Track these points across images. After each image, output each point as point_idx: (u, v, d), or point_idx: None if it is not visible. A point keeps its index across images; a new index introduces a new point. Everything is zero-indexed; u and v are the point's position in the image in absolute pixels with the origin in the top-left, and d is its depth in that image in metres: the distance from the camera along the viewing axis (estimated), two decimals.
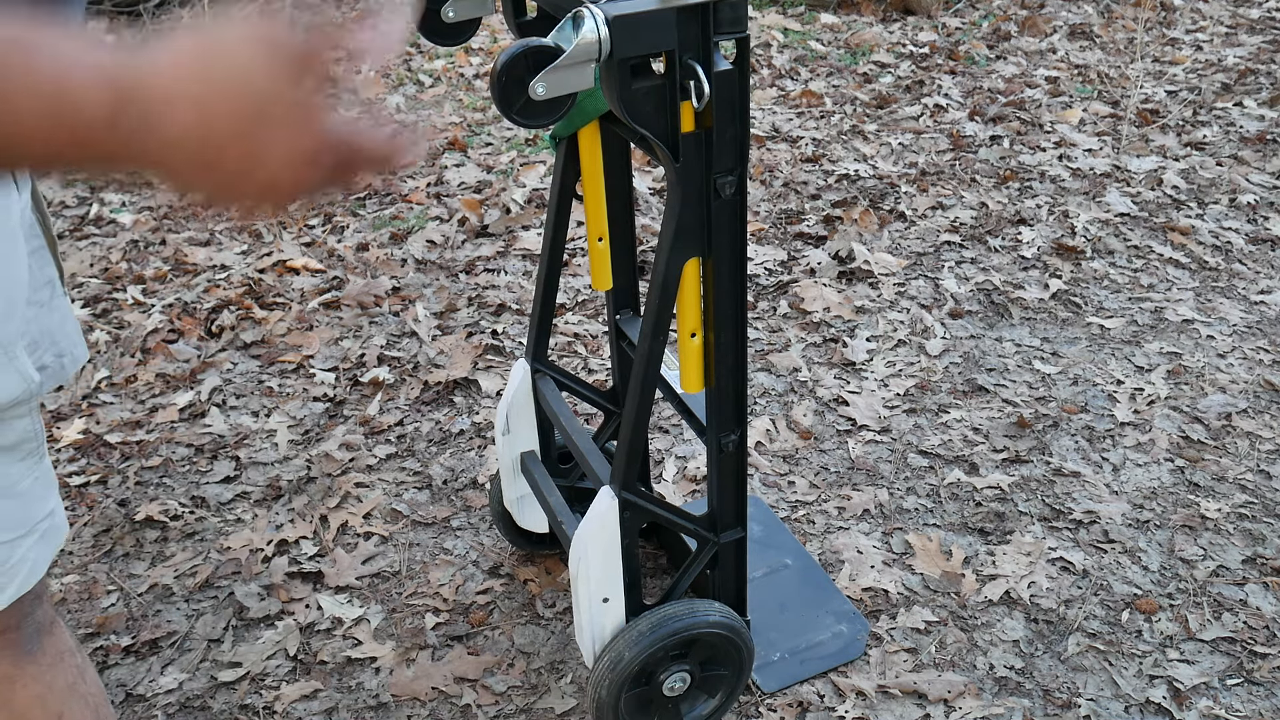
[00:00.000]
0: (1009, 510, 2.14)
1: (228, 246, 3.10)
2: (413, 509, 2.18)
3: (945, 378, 2.53)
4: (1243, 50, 4.34)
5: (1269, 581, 1.97)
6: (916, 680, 1.79)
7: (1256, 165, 3.45)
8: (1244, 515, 2.12)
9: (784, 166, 3.48)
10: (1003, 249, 3.03)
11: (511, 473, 1.86)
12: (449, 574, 2.03)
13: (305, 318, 2.78)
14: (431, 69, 4.27)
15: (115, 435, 2.39)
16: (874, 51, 4.39)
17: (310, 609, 1.96)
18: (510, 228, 3.16)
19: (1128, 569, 2.01)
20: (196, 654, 1.88)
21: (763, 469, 2.26)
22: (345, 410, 2.46)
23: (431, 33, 1.51)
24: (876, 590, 1.97)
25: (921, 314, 2.74)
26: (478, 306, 2.81)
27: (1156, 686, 1.78)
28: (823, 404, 2.45)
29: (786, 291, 2.85)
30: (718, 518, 1.59)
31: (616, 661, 1.53)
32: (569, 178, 1.63)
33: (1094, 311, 2.76)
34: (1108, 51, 4.36)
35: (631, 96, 1.21)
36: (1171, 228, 3.10)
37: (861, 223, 3.15)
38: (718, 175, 1.30)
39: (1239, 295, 2.81)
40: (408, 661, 1.85)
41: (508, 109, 1.15)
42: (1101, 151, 3.54)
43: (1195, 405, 2.41)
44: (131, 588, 2.02)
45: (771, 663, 1.81)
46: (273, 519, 2.16)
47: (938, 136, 3.67)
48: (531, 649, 1.87)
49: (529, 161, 3.54)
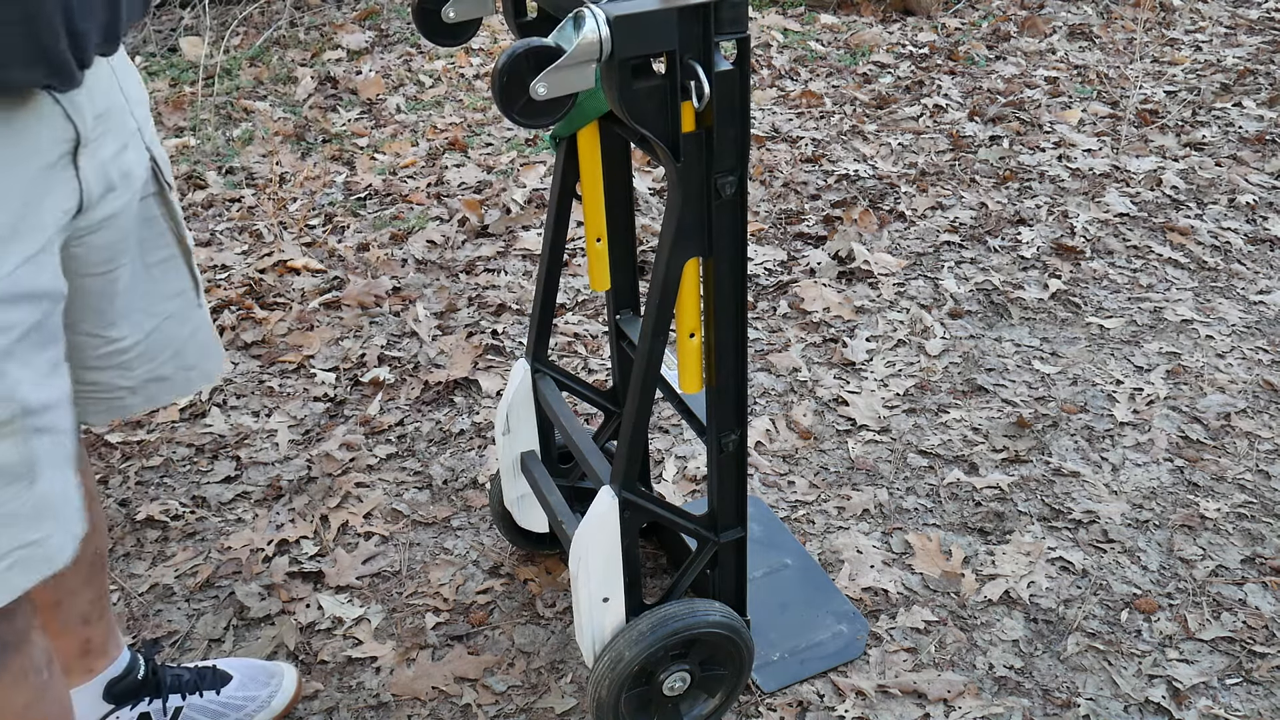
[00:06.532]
0: (1008, 510, 2.14)
1: (228, 246, 3.10)
2: (413, 509, 2.18)
3: (945, 378, 2.53)
4: (1242, 50, 4.34)
5: (1268, 581, 1.97)
6: (916, 680, 1.79)
7: (1255, 165, 3.46)
8: (1243, 515, 2.12)
9: (784, 166, 3.48)
10: (1002, 249, 3.03)
11: (512, 472, 1.86)
12: (449, 574, 2.03)
13: (306, 318, 2.78)
14: (431, 69, 4.28)
15: (116, 435, 2.39)
16: (874, 52, 4.40)
17: (310, 609, 1.96)
18: (510, 228, 3.16)
19: (1127, 569, 2.01)
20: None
21: (763, 469, 2.26)
22: (346, 410, 2.47)
23: (431, 33, 1.51)
24: (876, 590, 1.97)
25: (921, 314, 2.74)
26: (478, 306, 2.82)
27: (1156, 686, 1.78)
28: (823, 404, 2.45)
29: (786, 291, 2.86)
30: (718, 518, 1.59)
31: (616, 661, 1.53)
32: (569, 178, 1.64)
33: (1093, 311, 2.76)
34: (1107, 52, 4.37)
35: (632, 96, 1.21)
36: (1171, 228, 3.11)
37: (861, 223, 3.15)
38: (718, 175, 1.30)
39: (1238, 295, 2.81)
40: (408, 661, 1.85)
41: (508, 109, 1.15)
42: (1101, 152, 3.55)
43: (1194, 405, 2.42)
44: (132, 587, 2.02)
45: (771, 662, 1.82)
46: (273, 519, 2.16)
47: (937, 137, 3.67)
48: (532, 649, 1.87)
49: (529, 161, 3.54)
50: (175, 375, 1.32)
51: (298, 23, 4.67)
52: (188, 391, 1.35)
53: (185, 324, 1.31)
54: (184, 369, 1.33)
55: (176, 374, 1.32)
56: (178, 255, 1.29)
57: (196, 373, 1.35)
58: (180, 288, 1.30)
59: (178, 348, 1.31)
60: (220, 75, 4.15)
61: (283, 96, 4.08)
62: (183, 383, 1.34)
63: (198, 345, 1.34)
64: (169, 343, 1.29)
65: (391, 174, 3.50)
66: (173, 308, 1.29)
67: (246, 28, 4.63)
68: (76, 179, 1.08)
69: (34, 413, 1.03)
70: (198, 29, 4.55)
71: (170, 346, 1.30)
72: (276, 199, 3.35)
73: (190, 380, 1.35)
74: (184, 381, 1.34)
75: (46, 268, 1.04)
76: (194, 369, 1.35)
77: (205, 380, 1.36)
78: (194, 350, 1.34)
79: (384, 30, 4.64)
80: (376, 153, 3.64)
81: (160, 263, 1.27)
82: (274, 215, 3.25)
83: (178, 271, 1.29)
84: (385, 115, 3.92)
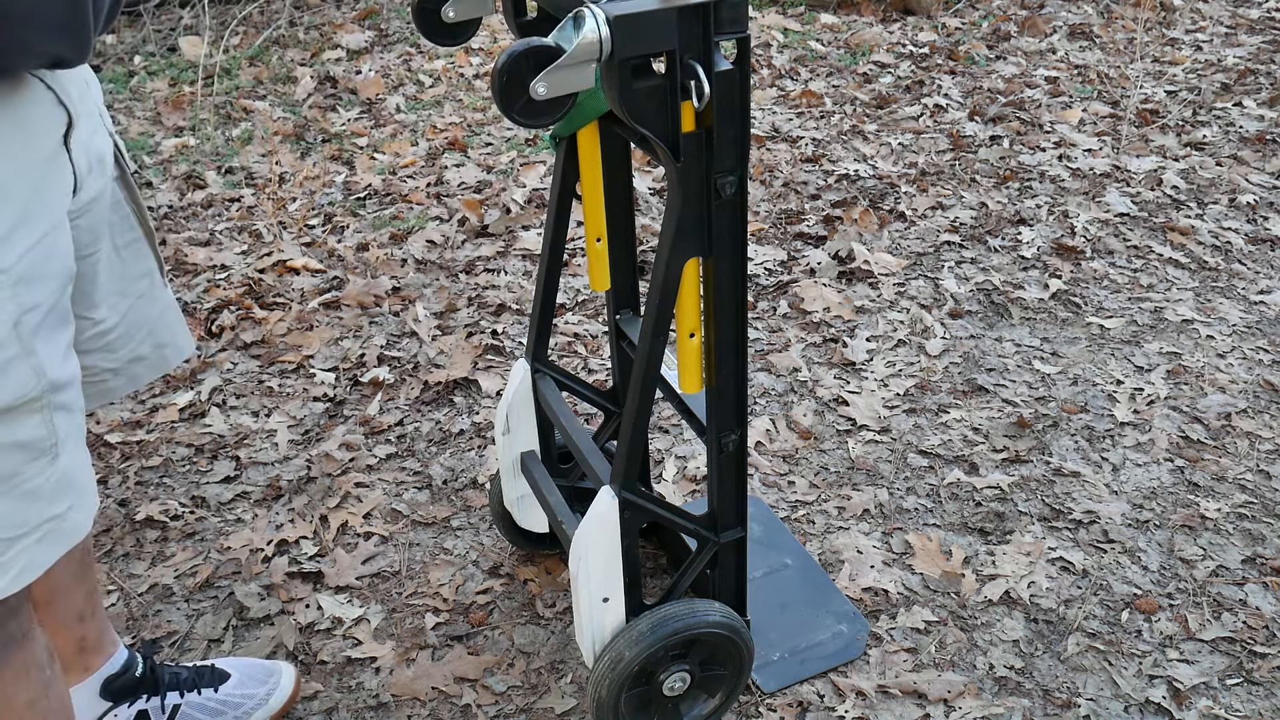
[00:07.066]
0: (1009, 510, 2.14)
1: (228, 246, 3.10)
2: (413, 509, 2.18)
3: (945, 378, 2.53)
4: (1242, 50, 4.34)
5: (1269, 581, 1.97)
6: (916, 680, 1.79)
7: (1256, 165, 3.46)
8: (1243, 515, 2.12)
9: (784, 166, 3.48)
10: (1002, 249, 3.03)
11: (511, 473, 1.86)
12: (449, 574, 2.03)
13: (305, 318, 2.78)
14: (431, 69, 4.27)
15: (115, 435, 2.39)
16: (874, 51, 4.40)
17: (310, 609, 1.96)
18: (510, 228, 3.16)
19: (1127, 569, 2.01)
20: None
21: (763, 469, 2.26)
22: (345, 410, 2.46)
23: (431, 33, 1.51)
24: (876, 590, 1.97)
25: (921, 314, 2.74)
26: (478, 306, 2.82)
27: (1156, 686, 1.78)
28: (823, 404, 2.45)
29: (786, 291, 2.86)
30: (718, 518, 1.59)
31: (616, 661, 1.53)
32: (569, 178, 1.63)
33: (1094, 311, 2.76)
34: (1107, 52, 4.36)
35: (632, 96, 1.21)
36: (1171, 228, 3.10)
37: (861, 223, 3.15)
38: (718, 175, 1.30)
39: (1238, 295, 2.81)
40: (408, 661, 1.85)
41: (508, 109, 1.15)
42: (1101, 151, 3.55)
43: (1195, 405, 2.42)
44: (132, 588, 2.02)
45: (771, 662, 1.81)
46: (273, 519, 2.16)
47: (937, 136, 3.67)
48: (531, 649, 1.87)
49: (529, 161, 3.54)
50: (152, 354, 1.38)
51: (297, 22, 4.67)
52: (164, 369, 1.41)
53: (155, 303, 1.37)
54: (158, 347, 1.39)
55: (153, 353, 1.38)
56: (141, 238, 1.34)
57: (170, 349, 1.41)
58: (147, 268, 1.35)
59: (151, 326, 1.37)
60: (220, 75, 4.15)
61: (282, 96, 4.08)
62: (158, 361, 1.40)
63: (167, 324, 1.40)
64: (143, 322, 1.35)
65: (391, 174, 3.50)
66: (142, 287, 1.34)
67: (246, 27, 4.63)
68: (70, 161, 1.12)
69: (58, 389, 1.08)
70: (197, 29, 4.55)
71: (144, 326, 1.35)
72: (276, 199, 3.35)
73: (165, 358, 1.40)
74: (159, 360, 1.40)
75: (60, 247, 1.08)
76: (167, 346, 1.40)
77: (178, 356, 1.42)
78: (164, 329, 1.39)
79: (384, 30, 4.64)
80: (376, 152, 3.64)
81: (128, 245, 1.32)
82: (273, 215, 3.25)
83: (143, 253, 1.35)
84: (385, 115, 3.92)
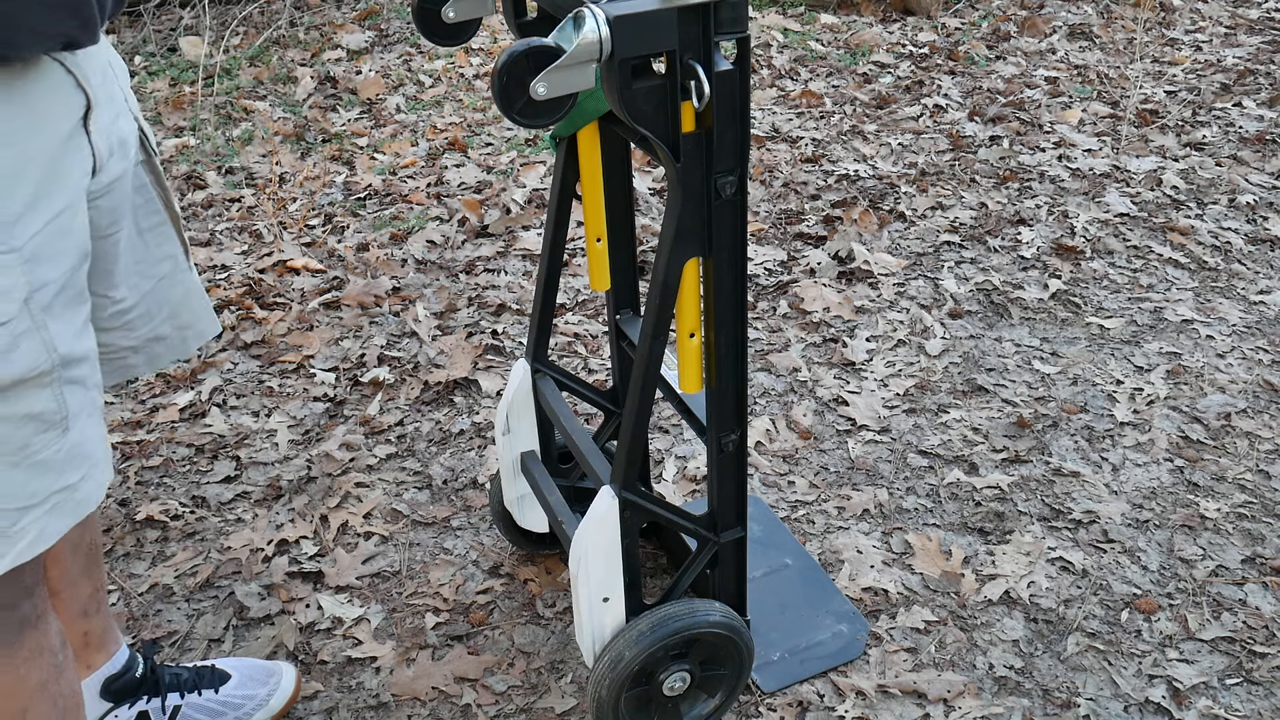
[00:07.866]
0: (1008, 510, 2.14)
1: (228, 246, 3.10)
2: (413, 509, 2.18)
3: (945, 378, 2.53)
4: (1242, 50, 4.34)
5: (1268, 581, 1.97)
6: (916, 680, 1.79)
7: (1256, 165, 3.46)
8: (1243, 515, 2.12)
9: (784, 166, 3.48)
10: (1002, 249, 3.03)
11: (511, 472, 1.86)
12: (449, 574, 2.03)
13: (305, 318, 2.78)
14: (431, 69, 4.28)
15: (116, 435, 2.39)
16: (874, 52, 4.40)
17: (310, 609, 1.96)
18: (510, 228, 3.16)
19: (1127, 569, 2.01)
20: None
21: (763, 469, 2.26)
22: (345, 410, 2.47)
23: (431, 33, 1.51)
24: (876, 590, 1.97)
25: (921, 314, 2.74)
26: (478, 306, 2.82)
27: (1156, 686, 1.78)
28: (823, 404, 2.45)
29: (786, 291, 2.86)
30: (718, 518, 1.59)
31: (616, 661, 1.53)
32: (569, 178, 1.64)
33: (1093, 311, 2.76)
34: (1107, 52, 4.36)
35: (632, 96, 1.21)
36: (1171, 228, 3.11)
37: (861, 223, 3.15)
38: (718, 175, 1.30)
39: (1238, 295, 2.81)
40: (408, 661, 1.85)
41: (508, 109, 1.16)
42: (1101, 152, 3.55)
43: (1195, 405, 2.42)
44: (132, 587, 2.02)
45: (771, 662, 1.82)
46: (273, 519, 2.16)
47: (937, 137, 3.67)
48: (531, 649, 1.87)
49: (529, 161, 3.54)
50: (172, 335, 1.40)
51: (297, 22, 4.67)
52: (186, 351, 1.43)
53: (177, 286, 1.39)
54: (180, 329, 1.41)
55: (174, 334, 1.40)
56: (166, 221, 1.36)
57: (192, 332, 1.43)
58: (170, 251, 1.37)
59: (173, 308, 1.39)
60: (220, 75, 4.15)
61: (282, 96, 4.08)
62: (179, 342, 1.42)
63: (190, 306, 1.42)
64: (164, 303, 1.37)
65: (391, 174, 3.50)
66: (165, 269, 1.36)
67: (246, 27, 4.63)
68: (89, 144, 1.13)
69: (70, 364, 1.09)
70: (197, 29, 4.55)
71: (166, 307, 1.37)
72: (276, 199, 3.35)
73: (186, 340, 1.43)
74: (180, 341, 1.42)
75: (75, 227, 1.10)
76: (189, 328, 1.43)
77: (199, 339, 1.44)
78: (187, 311, 1.42)
79: (384, 30, 4.64)
80: (376, 153, 3.64)
81: (152, 228, 1.34)
82: (274, 215, 3.25)
83: (168, 236, 1.36)
84: (385, 115, 3.92)
